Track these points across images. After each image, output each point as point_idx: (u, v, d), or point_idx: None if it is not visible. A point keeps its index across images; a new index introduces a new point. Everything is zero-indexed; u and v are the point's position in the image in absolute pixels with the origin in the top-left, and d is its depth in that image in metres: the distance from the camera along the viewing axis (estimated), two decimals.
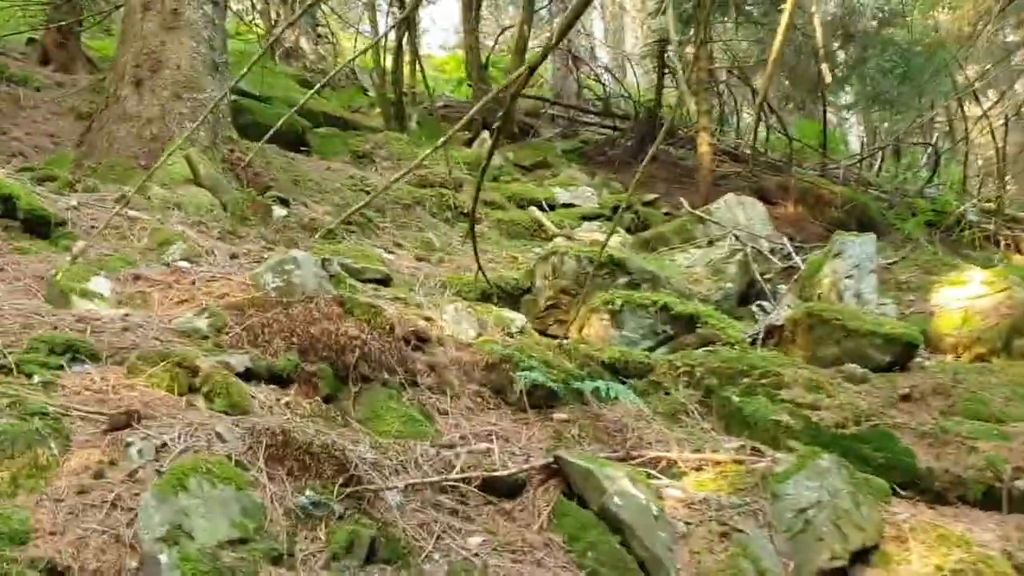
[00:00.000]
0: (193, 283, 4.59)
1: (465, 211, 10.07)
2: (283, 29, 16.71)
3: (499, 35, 16.59)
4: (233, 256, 5.10)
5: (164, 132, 7.20)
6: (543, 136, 16.24)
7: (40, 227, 4.97)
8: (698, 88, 14.10)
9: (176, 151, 6.99)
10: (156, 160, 7.00)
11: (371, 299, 4.75)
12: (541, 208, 10.72)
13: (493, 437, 3.81)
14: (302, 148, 11.03)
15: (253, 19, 18.29)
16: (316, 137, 11.34)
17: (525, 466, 3.40)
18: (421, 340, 4.57)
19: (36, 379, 3.12)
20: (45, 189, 5.96)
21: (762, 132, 16.53)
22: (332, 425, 3.63)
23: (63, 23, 11.00)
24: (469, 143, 14.40)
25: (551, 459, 3.44)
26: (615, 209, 11.08)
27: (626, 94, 17.64)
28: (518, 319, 5.24)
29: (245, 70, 4.52)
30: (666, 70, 16.36)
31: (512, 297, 6.01)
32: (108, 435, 2.82)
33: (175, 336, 3.93)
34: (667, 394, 4.76)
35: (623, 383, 4.72)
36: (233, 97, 9.05)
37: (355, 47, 20.09)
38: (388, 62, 13.94)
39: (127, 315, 4.09)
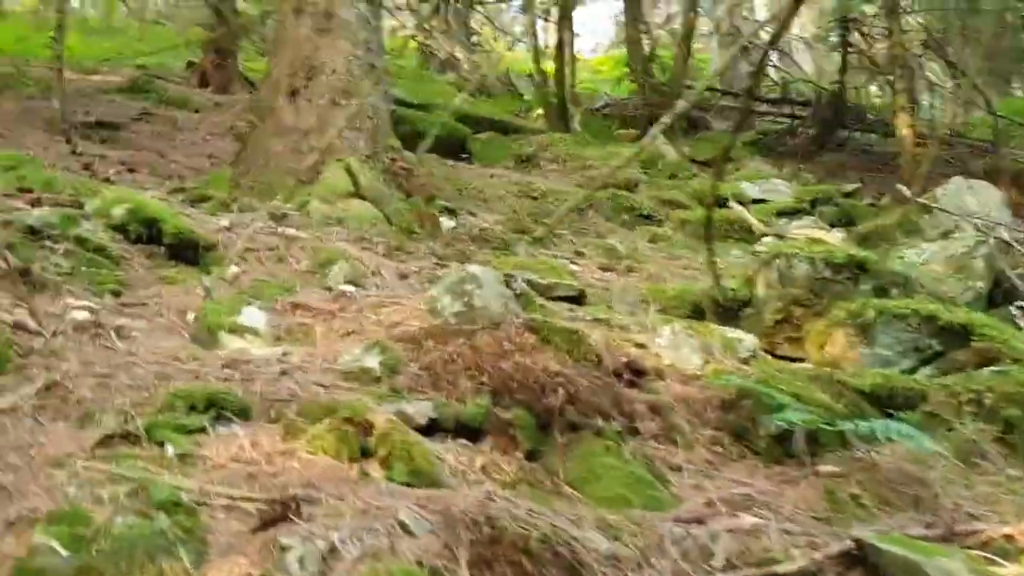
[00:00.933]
0: (360, 310, 3.87)
1: (644, 212, 9.15)
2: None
3: (664, 22, 15.51)
4: (403, 276, 4.37)
5: (323, 144, 6.61)
6: (714, 129, 15.12)
7: (188, 252, 4.38)
8: (893, 66, 12.72)
9: (335, 162, 6.40)
10: (315, 174, 6.44)
11: (568, 322, 3.91)
12: (725, 205, 9.66)
13: (751, 504, 2.87)
14: (463, 155, 10.40)
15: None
16: (477, 143, 10.68)
17: (816, 555, 2.45)
18: (636, 373, 3.68)
19: (170, 450, 2.42)
20: (197, 211, 5.43)
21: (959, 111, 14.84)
22: (540, 493, 2.80)
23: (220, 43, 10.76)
24: (636, 141, 13.48)
25: (850, 543, 2.48)
26: (813, 203, 9.92)
27: (803, 79, 16.25)
28: (747, 340, 4.27)
29: None
30: (850, 49, 14.95)
31: (729, 311, 5.04)
32: (259, 534, 2.07)
33: (341, 379, 3.20)
34: (950, 430, 3.69)
35: (889, 417, 3.69)
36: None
37: (508, 54, 19.52)
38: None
39: (285, 354, 3.39)
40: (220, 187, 6.84)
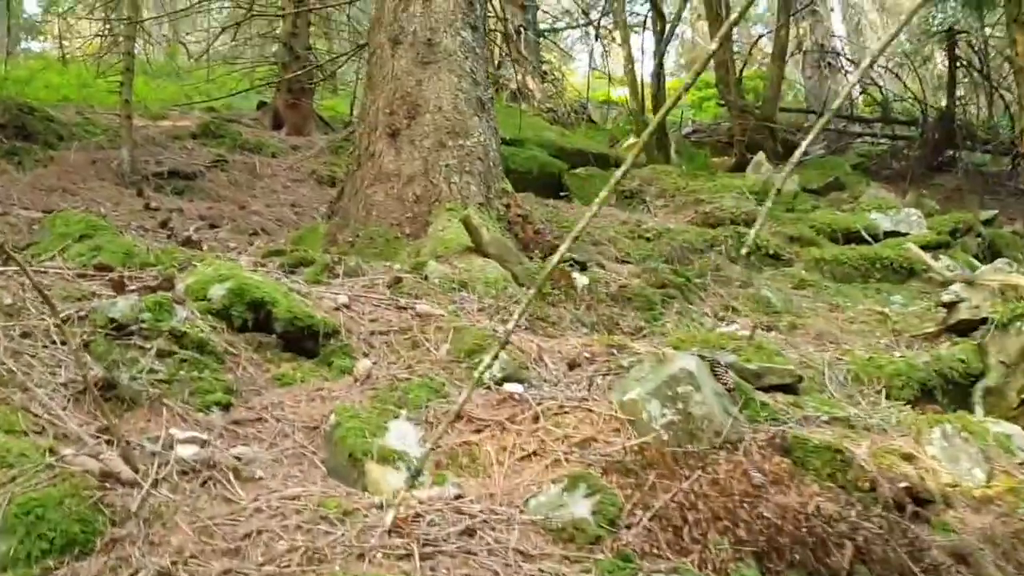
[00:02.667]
0: (536, 419, 2.96)
1: (771, 251, 8.17)
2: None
3: (752, 45, 14.55)
4: (572, 365, 3.45)
5: (429, 191, 5.77)
6: (812, 154, 14.07)
7: (306, 341, 3.53)
8: (1020, 79, 11.62)
9: (446, 211, 5.55)
10: (423, 226, 5.61)
11: (804, 426, 2.97)
12: (863, 240, 8.65)
13: None
14: (561, 193, 9.51)
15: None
16: (574, 179, 9.79)
17: None
18: (919, 502, 2.73)
19: None
20: (300, 279, 4.60)
21: None
22: None
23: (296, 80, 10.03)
24: (735, 169, 12.50)
25: None
26: (952, 233, 8.88)
27: (905, 96, 15.11)
28: (1017, 435, 3.29)
29: None
30: (958, 63, 13.82)
31: (958, 388, 4.05)
32: None
33: (547, 539, 2.29)
34: None
35: None
36: None
37: (579, 81, 18.69)
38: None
39: (458, 497, 2.50)
40: (315, 244, 6.03)
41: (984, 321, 5.21)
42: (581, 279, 5.33)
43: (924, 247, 8.39)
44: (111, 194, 7.25)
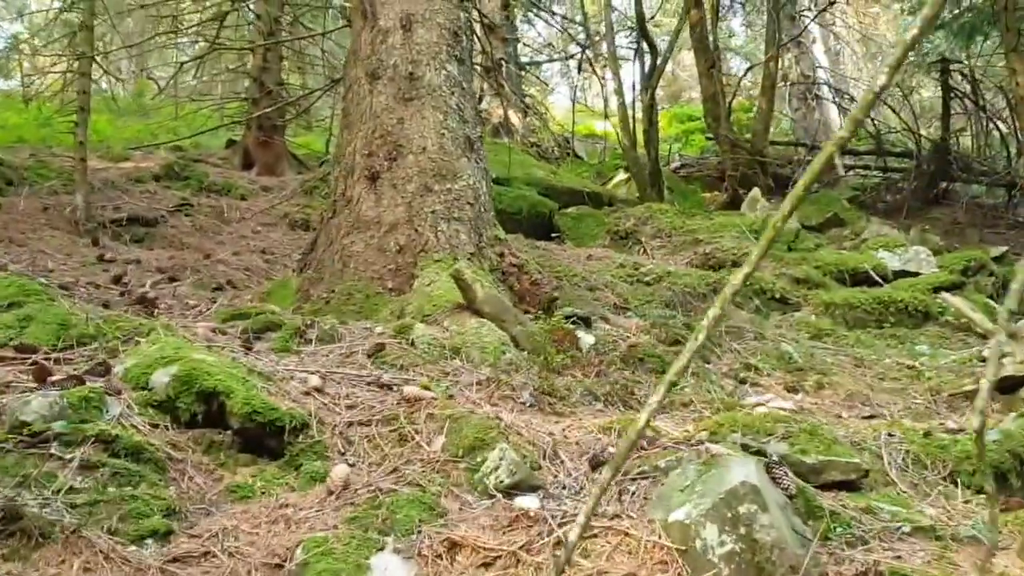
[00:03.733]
0: (556, 544, 2.35)
1: (776, 295, 7.64)
2: None
3: (741, 77, 14.11)
4: (595, 464, 2.84)
5: (414, 240, 5.18)
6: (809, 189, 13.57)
7: (268, 440, 2.89)
8: (1020, 109, 11.25)
9: (432, 263, 4.98)
10: (407, 280, 5.03)
11: (911, 555, 2.38)
12: (872, 281, 8.15)
13: None
14: (552, 234, 8.95)
15: None
16: (566, 219, 9.22)
17: None
18: None
19: None
20: (266, 348, 3.99)
21: None
22: None
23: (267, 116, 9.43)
24: (728, 206, 12.02)
25: None
26: (964, 272, 8.39)
27: (896, 128, 14.70)
28: None
29: None
30: (952, 94, 13.43)
31: None
32: None
33: None
34: None
35: None
36: None
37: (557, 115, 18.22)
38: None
39: None
40: (286, 300, 5.42)
41: None
42: (587, 338, 4.74)
43: (937, 288, 7.90)
44: (62, 244, 6.62)
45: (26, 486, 2.35)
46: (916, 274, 8.32)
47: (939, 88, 13.87)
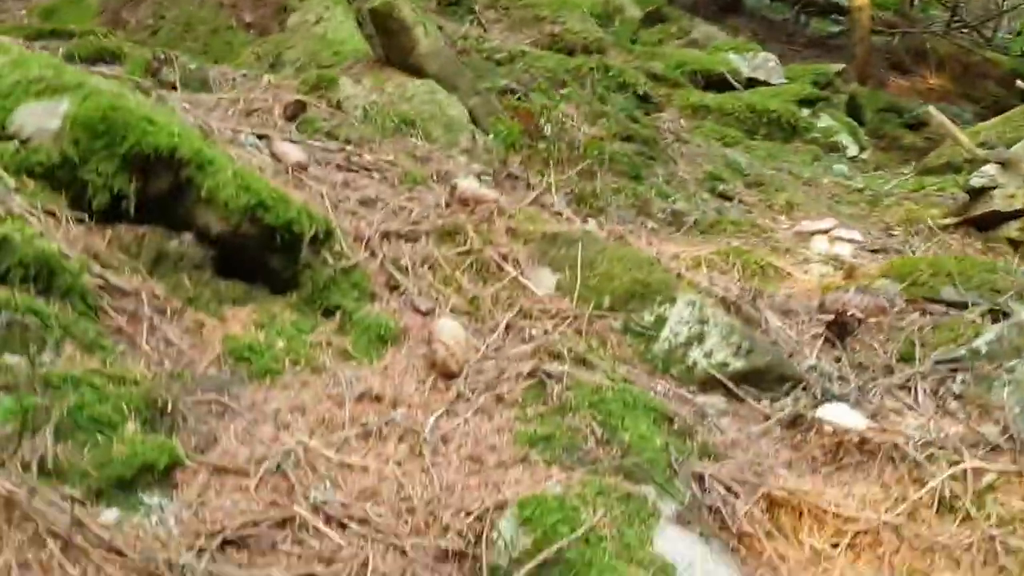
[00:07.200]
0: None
1: (640, 92, 6.72)
2: None
3: None
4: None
5: None
6: None
7: (269, 257, 1.51)
8: None
9: None
10: (272, 16, 3.55)
11: None
12: (726, 85, 7.51)
13: None
14: None
15: None
16: None
17: None
18: None
19: None
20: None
21: None
22: None
23: None
24: None
25: None
26: (815, 85, 7.92)
27: None
28: None
29: None
30: None
31: None
32: None
33: None
34: None
35: None
36: None
37: None
38: None
39: None
40: (79, 20, 3.65)
41: (1018, 214, 4.21)
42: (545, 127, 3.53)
43: (801, 102, 7.40)
44: None
45: None
46: (766, 83, 7.76)
47: None
